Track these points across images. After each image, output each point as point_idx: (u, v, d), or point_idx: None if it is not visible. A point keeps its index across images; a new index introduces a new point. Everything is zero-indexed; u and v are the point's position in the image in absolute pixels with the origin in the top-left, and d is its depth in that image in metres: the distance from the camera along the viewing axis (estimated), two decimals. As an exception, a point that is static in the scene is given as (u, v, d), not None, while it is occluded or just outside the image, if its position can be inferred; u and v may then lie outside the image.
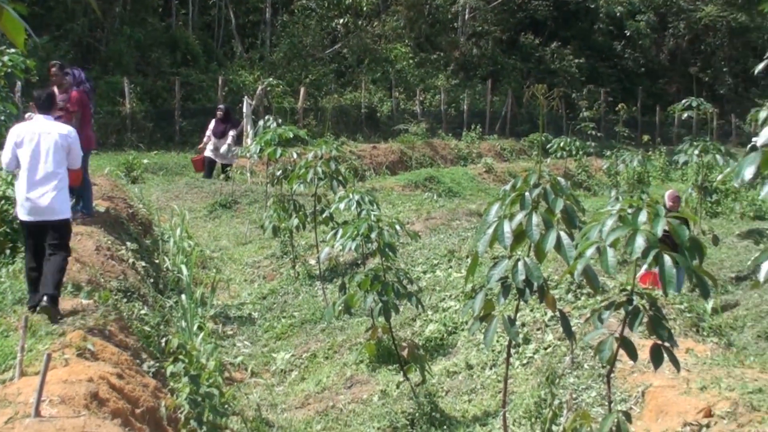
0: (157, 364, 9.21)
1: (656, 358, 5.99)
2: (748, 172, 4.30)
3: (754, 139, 4.44)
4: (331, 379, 11.55)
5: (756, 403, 7.79)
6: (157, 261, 14.67)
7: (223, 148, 23.38)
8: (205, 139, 23.83)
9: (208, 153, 23.62)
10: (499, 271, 6.26)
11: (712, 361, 9.77)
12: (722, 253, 19.33)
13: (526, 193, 6.26)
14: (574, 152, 30.43)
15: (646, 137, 40.27)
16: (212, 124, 23.73)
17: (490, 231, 6.23)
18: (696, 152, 20.06)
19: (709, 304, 13.44)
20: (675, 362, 6.06)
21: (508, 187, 6.56)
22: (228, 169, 23.55)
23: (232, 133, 23.50)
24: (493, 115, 41.32)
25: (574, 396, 8.74)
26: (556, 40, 49.46)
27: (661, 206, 6.00)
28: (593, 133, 35.44)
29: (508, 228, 6.12)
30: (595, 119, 40.25)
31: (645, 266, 10.77)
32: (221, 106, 24.63)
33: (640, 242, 5.50)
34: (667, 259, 5.53)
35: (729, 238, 21.38)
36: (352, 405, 10.56)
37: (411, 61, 42.63)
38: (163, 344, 9.47)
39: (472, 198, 26.00)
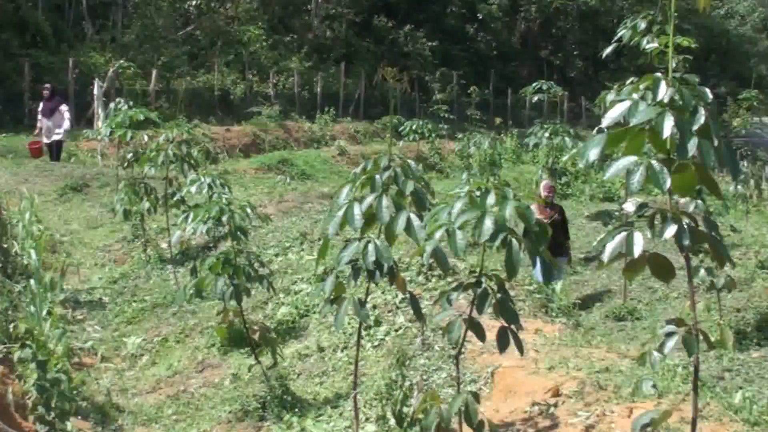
0: (5, 350, 9.03)
1: (502, 341, 6.19)
2: (593, 153, 4.52)
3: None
4: (183, 363, 11.52)
5: (602, 382, 8.09)
6: (5, 246, 14.31)
7: (66, 124, 23.03)
8: (38, 124, 23.46)
9: (44, 138, 23.28)
10: (350, 253, 6.35)
11: (560, 341, 10.10)
12: (571, 234, 19.96)
13: (377, 176, 6.36)
14: (426, 135, 30.86)
15: (498, 120, 41.16)
16: (41, 105, 23.42)
17: (341, 213, 6.31)
18: (546, 135, 20.64)
19: (558, 286, 13.91)
20: (519, 346, 6.27)
21: (358, 169, 6.65)
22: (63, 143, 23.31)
23: (63, 108, 23.22)
24: (347, 98, 41.52)
25: (424, 377, 8.93)
26: (409, 23, 49.79)
27: (509, 189, 6.17)
28: (446, 115, 35.99)
29: (358, 210, 6.22)
30: (447, 102, 40.87)
31: None
32: (47, 85, 24.34)
33: (488, 225, 5.65)
34: (515, 243, 5.71)
35: (578, 220, 22.09)
36: (204, 389, 10.57)
37: (264, 44, 42.40)
38: (11, 329, 9.28)
39: (325, 181, 26.16)
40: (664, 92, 4.38)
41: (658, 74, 4.50)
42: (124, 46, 37.85)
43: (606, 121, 4.45)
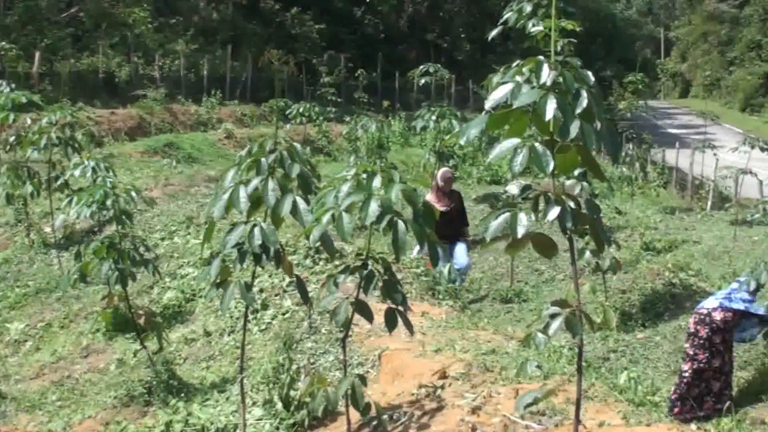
0: None
1: (390, 322, 6.24)
2: (473, 132, 4.57)
3: None
4: (67, 348, 11.37)
5: (489, 364, 8.20)
6: None
7: None
8: None
9: None
10: (235, 236, 6.32)
11: (447, 323, 10.22)
12: (461, 216, 20.21)
13: (262, 159, 6.33)
14: (314, 118, 30.81)
15: (385, 103, 41.26)
16: None
17: (226, 197, 6.27)
18: (433, 118, 20.71)
19: (446, 269, 14.06)
20: (408, 326, 6.32)
21: (244, 152, 6.61)
22: None
23: None
24: (234, 81, 41.17)
25: (311, 361, 8.96)
26: (296, 5, 49.56)
27: (396, 172, 6.21)
28: (333, 98, 35.97)
29: (244, 194, 6.18)
30: (335, 85, 40.81)
31: None
32: None
33: (374, 207, 5.68)
34: (401, 225, 5.75)
35: (466, 203, 22.28)
36: (89, 374, 10.46)
37: (150, 26, 41.73)
38: None
39: (212, 164, 26.03)
40: (546, 75, 4.45)
41: (541, 57, 4.57)
42: (6, 27, 36.82)
43: (489, 103, 4.50)
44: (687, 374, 9.73)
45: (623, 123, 37.62)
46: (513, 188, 4.71)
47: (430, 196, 14.74)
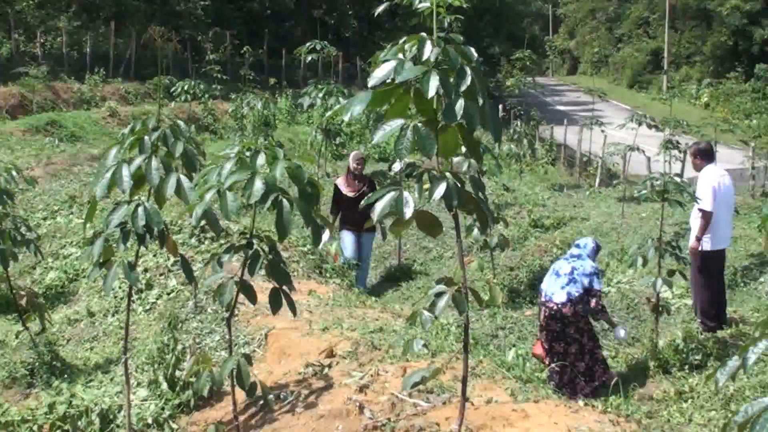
0: None
1: (274, 302, 6.25)
2: (357, 110, 4.59)
3: None
4: (-54, 332, 11.14)
5: (376, 342, 8.29)
6: None
7: None
8: None
9: None
10: (119, 215, 6.25)
11: (334, 302, 10.29)
12: (346, 195, 20.25)
13: (145, 137, 6.28)
14: (199, 95, 30.51)
15: (272, 80, 41.00)
16: None
17: (109, 175, 6.19)
18: (320, 95, 20.72)
19: (333, 246, 14.13)
20: (292, 307, 6.34)
21: (127, 130, 6.55)
22: None
23: None
24: (118, 58, 40.42)
25: (197, 341, 8.94)
26: (181, -18, 48.93)
27: (280, 149, 6.21)
28: (219, 76, 35.63)
29: (126, 172, 6.12)
30: (221, 62, 40.42)
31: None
32: None
33: (258, 186, 5.67)
34: (286, 204, 5.76)
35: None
36: (-33, 357, 10.25)
37: (31, 2, 40.74)
38: None
39: (96, 143, 25.66)
40: (429, 52, 4.49)
41: (424, 34, 4.62)
42: None
43: (372, 81, 4.52)
44: (553, 366, 10.12)
45: (511, 100, 38.05)
46: (398, 166, 4.76)
47: (340, 180, 14.71)
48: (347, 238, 14.38)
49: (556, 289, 10.28)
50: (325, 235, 13.30)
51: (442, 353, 7.92)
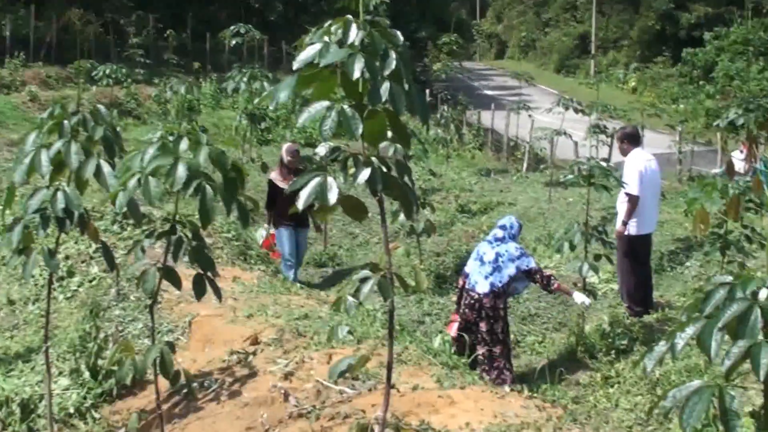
0: None
1: (198, 288, 6.22)
2: (283, 96, 4.59)
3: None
4: None
5: (302, 329, 8.31)
6: None
7: None
8: None
9: None
10: (37, 201, 6.18)
11: (259, 288, 10.27)
12: (270, 180, 20.21)
13: (65, 121, 6.21)
14: (122, 80, 30.19)
15: (196, 64, 40.71)
16: None
17: (27, 160, 6.11)
18: (245, 79, 20.64)
19: (258, 233, 14.10)
20: (217, 293, 6.32)
21: (46, 114, 6.47)
22: None
23: None
24: (38, 42, 39.80)
25: (120, 328, 8.88)
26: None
27: (203, 134, 6.19)
28: (142, 60, 35.28)
29: (45, 157, 6.04)
30: (144, 46, 40.02)
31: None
32: None
33: (181, 171, 5.64)
34: (209, 190, 5.73)
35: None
36: None
37: (-53, -14, 39.99)
38: None
39: (16, 128, 25.34)
40: (354, 35, 4.50)
41: (350, 17, 4.63)
42: None
43: (297, 64, 4.51)
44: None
45: (438, 85, 38.19)
46: (322, 150, 4.76)
47: (274, 174, 14.54)
48: (285, 234, 13.94)
49: (479, 279, 10.29)
50: (261, 231, 13.18)
51: (367, 340, 7.95)
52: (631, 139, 12.36)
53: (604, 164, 10.87)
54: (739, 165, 15.82)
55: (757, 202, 11.03)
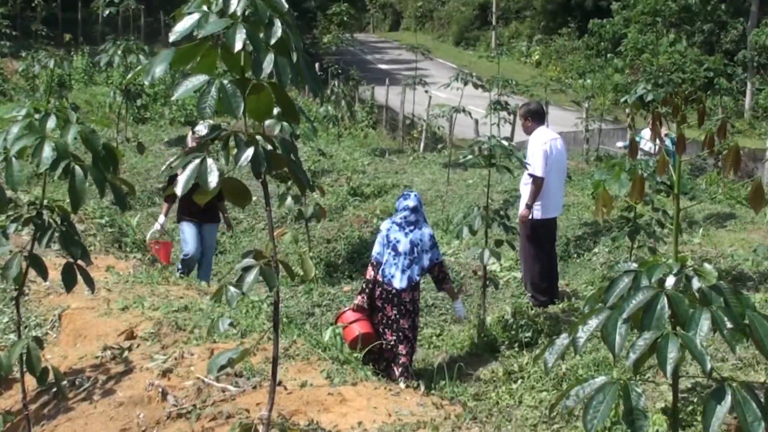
0: None
1: (68, 278, 6.14)
2: (159, 70, 4.54)
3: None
4: None
5: (181, 322, 8.27)
6: None
7: None
8: None
9: None
10: None
11: (135, 279, 10.18)
12: (149, 162, 20.03)
13: None
14: (-16, 53, 29.62)
15: (67, 36, 39.95)
16: None
17: None
18: (119, 53, 20.39)
19: (135, 219, 13.95)
20: (90, 283, 6.26)
21: None
22: None
23: None
24: None
25: (-18, 323, 8.75)
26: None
27: (73, 112, 6.10)
28: (8, 31, 34.53)
29: None
30: (10, 16, 39.19)
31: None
32: None
33: (48, 152, 5.56)
34: (79, 172, 5.66)
35: (156, 146, 22.17)
36: None
37: None
38: None
39: None
40: (235, 3, 4.48)
41: (231, -16, 4.59)
42: None
43: (174, 36, 4.47)
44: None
45: (329, 58, 38.12)
46: (201, 128, 4.73)
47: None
48: (187, 230, 13.16)
49: (395, 272, 10.25)
50: (156, 225, 12.77)
51: (252, 333, 7.96)
52: (535, 117, 12.45)
53: (506, 143, 10.91)
54: (650, 144, 16.12)
55: (668, 183, 11.26)
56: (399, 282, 10.21)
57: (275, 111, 4.85)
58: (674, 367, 4.07)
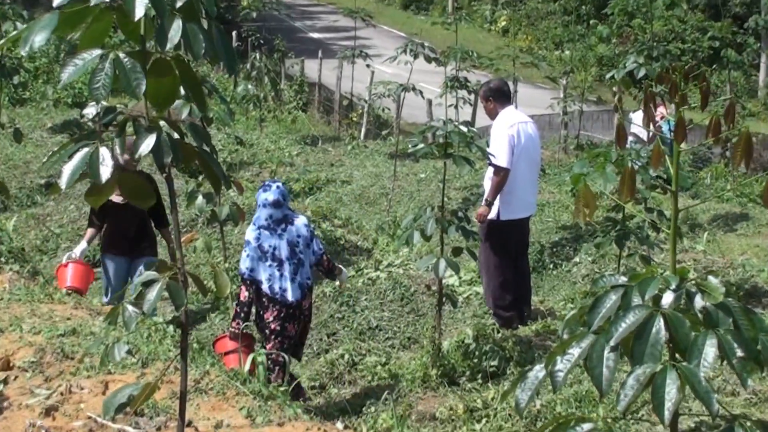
0: None
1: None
2: (39, 39, 4.48)
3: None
4: None
5: (68, 348, 8.22)
6: None
7: None
8: None
9: None
10: None
11: (12, 295, 10.13)
12: (28, 153, 19.88)
13: None
14: None
15: None
16: None
17: None
18: (-10, 20, 20.23)
19: (11, 222, 13.86)
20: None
21: None
22: None
23: None
24: None
25: None
26: None
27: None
28: None
29: None
30: None
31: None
32: None
33: None
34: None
35: (38, 133, 22.02)
36: None
37: None
38: None
39: None
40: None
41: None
42: None
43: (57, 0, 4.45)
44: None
45: (248, 25, 38.05)
46: (91, 111, 4.70)
47: None
48: (111, 268, 12.38)
49: (286, 285, 10.30)
50: (74, 252, 12.40)
51: (155, 362, 7.93)
52: (498, 96, 12.40)
53: (465, 129, 10.87)
54: (641, 130, 16.19)
55: (664, 177, 11.26)
56: (292, 294, 10.29)
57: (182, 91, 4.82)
58: (673, 411, 3.99)
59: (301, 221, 10.49)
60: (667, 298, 4.28)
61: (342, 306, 12.44)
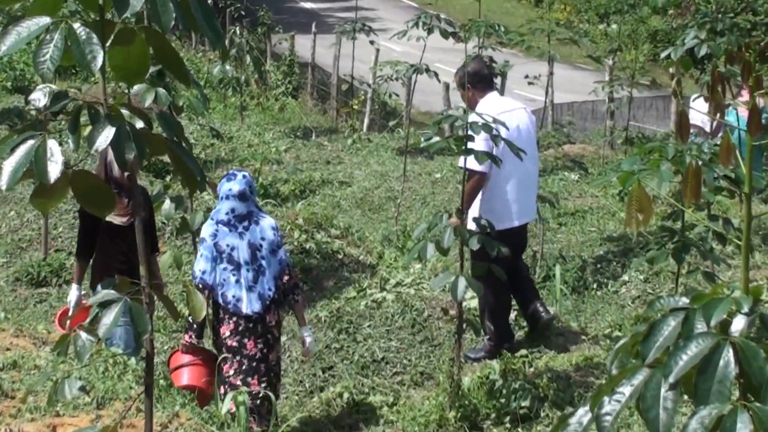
0: None
1: None
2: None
3: None
4: None
5: (7, 385, 8.25)
6: None
7: None
8: None
9: None
10: None
11: (-60, 324, 10.18)
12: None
13: None
14: None
15: None
16: None
17: None
18: None
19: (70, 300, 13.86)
20: None
21: None
22: None
23: None
24: None
25: None
26: None
27: None
28: None
29: None
30: None
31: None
32: None
33: None
34: None
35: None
36: None
37: None
38: None
39: None
40: None
41: None
42: None
43: None
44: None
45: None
46: (39, 96, 4.68)
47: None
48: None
49: (240, 293, 10.25)
50: (71, 298, 12.24)
51: (113, 402, 7.94)
52: (478, 82, 12.05)
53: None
54: (704, 119, 16.11)
55: (732, 177, 11.12)
56: (247, 305, 10.22)
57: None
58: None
59: (267, 222, 10.48)
60: (738, 324, 4.14)
61: (341, 334, 12.44)
